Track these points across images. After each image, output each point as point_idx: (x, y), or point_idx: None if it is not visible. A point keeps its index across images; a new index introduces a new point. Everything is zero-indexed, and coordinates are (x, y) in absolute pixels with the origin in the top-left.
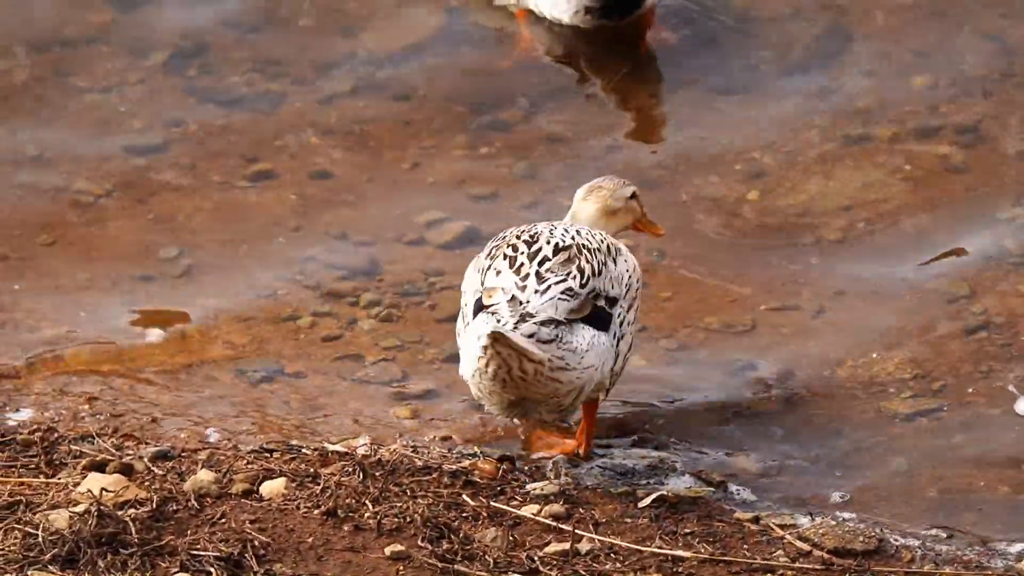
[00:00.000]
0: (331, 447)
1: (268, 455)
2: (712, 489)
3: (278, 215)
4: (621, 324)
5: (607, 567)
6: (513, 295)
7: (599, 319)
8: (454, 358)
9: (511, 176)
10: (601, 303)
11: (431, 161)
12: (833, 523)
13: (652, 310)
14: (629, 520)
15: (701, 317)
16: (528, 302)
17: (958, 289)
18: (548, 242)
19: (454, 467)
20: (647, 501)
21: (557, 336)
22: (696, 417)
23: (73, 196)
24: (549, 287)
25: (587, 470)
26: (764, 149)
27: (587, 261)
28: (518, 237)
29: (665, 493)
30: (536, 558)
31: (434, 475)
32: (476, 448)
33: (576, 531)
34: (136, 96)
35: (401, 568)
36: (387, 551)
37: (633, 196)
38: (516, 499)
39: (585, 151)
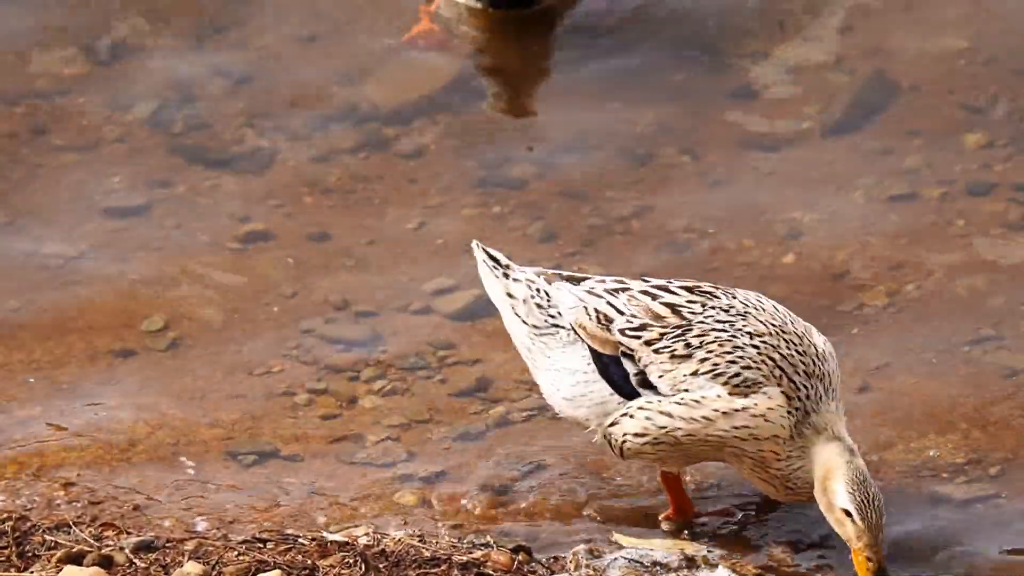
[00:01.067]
0: (330, 536)
1: (261, 545)
2: None
3: (272, 280)
4: (642, 410)
5: None
6: (569, 278)
7: (616, 377)
8: (465, 436)
9: (526, 238)
10: (630, 367)
11: (438, 221)
12: None
13: None
14: None
15: None
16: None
17: (1018, 363)
18: (689, 302)
19: (465, 558)
20: None
21: (537, 328)
22: (731, 503)
23: (43, 259)
24: (597, 296)
25: (611, 562)
26: (804, 209)
27: (666, 337)
28: (691, 287)
29: None
30: None
31: (443, 567)
32: (490, 537)
33: None
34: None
35: None
36: None
37: (848, 514)
38: None
39: (609, 210)
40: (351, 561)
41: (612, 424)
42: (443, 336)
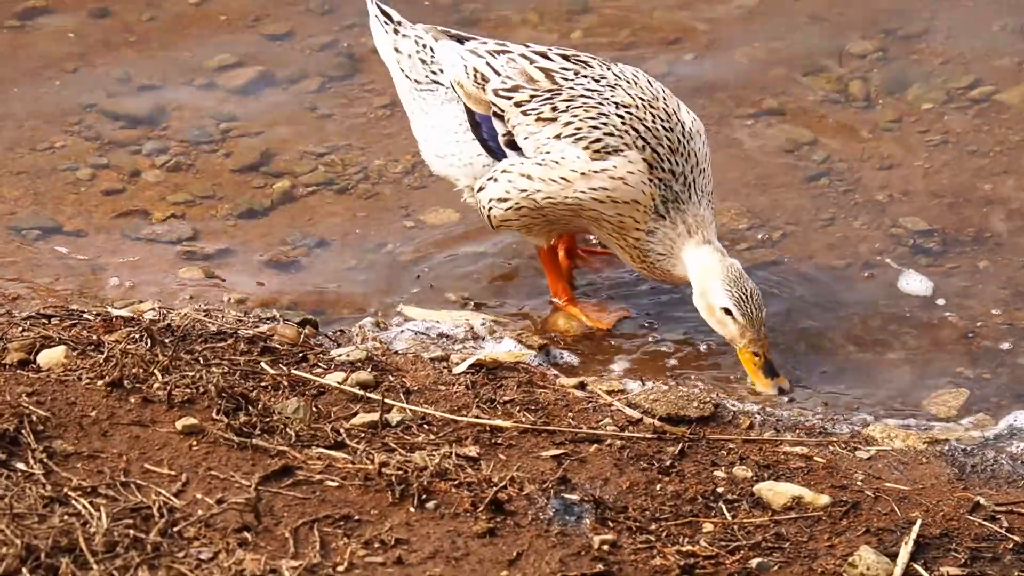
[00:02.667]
0: (116, 312)
1: (46, 321)
2: (533, 352)
3: (54, 56)
4: (505, 173)
5: (419, 439)
6: (456, 36)
7: (487, 136)
8: (250, 213)
9: (309, 12)
10: (499, 128)
11: None
12: (665, 388)
13: None
14: (443, 388)
15: None
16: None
17: (799, 136)
18: (563, 68)
19: (251, 332)
20: (463, 367)
21: (419, 84)
22: (516, 276)
23: None
24: (478, 56)
25: (397, 334)
26: None
27: (536, 99)
28: (568, 55)
29: (482, 358)
30: (342, 430)
31: (229, 341)
32: (275, 311)
33: (385, 400)
34: None
35: (194, 443)
36: (179, 425)
37: (728, 312)
38: (320, 366)
39: None
40: (137, 336)
41: (480, 189)
42: (226, 111)
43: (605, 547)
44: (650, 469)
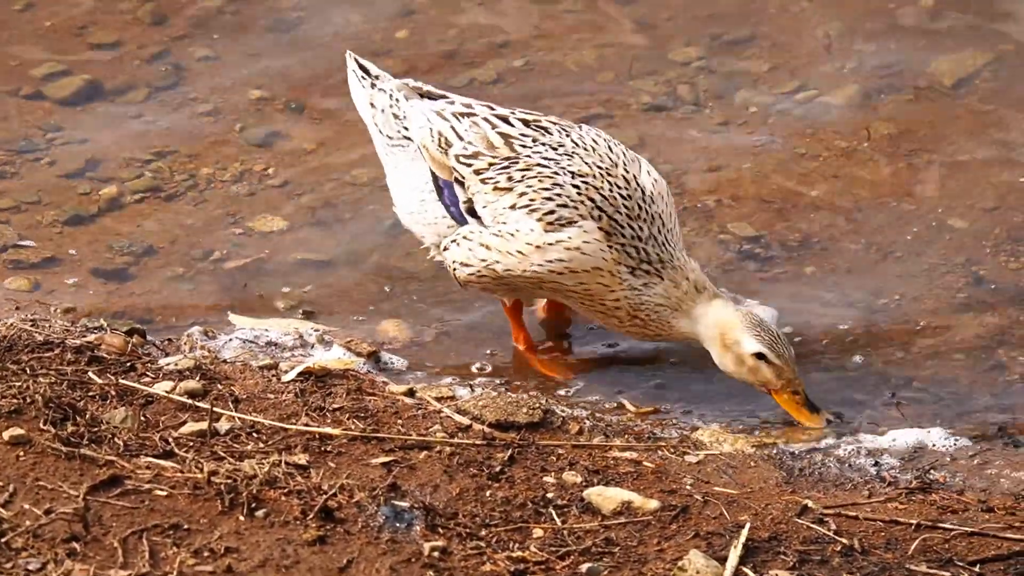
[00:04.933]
0: None
1: None
2: (363, 360)
3: None
4: (467, 240)
5: (249, 447)
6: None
7: (450, 202)
8: (76, 220)
9: (136, 21)
10: (460, 194)
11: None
12: (495, 394)
13: (294, 164)
14: (272, 396)
15: (349, 170)
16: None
17: (625, 140)
18: (522, 135)
19: (79, 342)
20: (292, 375)
21: (391, 139)
22: (345, 284)
23: None
24: (443, 119)
25: (225, 343)
26: None
27: (493, 168)
28: (529, 121)
29: (311, 365)
30: (171, 439)
31: (56, 351)
32: (103, 321)
33: (214, 409)
34: None
35: (21, 454)
36: (5, 435)
37: (761, 357)
38: (148, 375)
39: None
40: None
41: (445, 249)
42: (53, 120)
43: (436, 553)
44: (480, 475)
